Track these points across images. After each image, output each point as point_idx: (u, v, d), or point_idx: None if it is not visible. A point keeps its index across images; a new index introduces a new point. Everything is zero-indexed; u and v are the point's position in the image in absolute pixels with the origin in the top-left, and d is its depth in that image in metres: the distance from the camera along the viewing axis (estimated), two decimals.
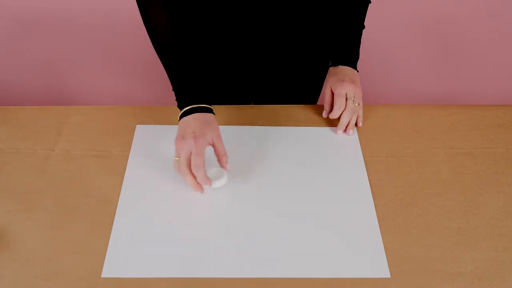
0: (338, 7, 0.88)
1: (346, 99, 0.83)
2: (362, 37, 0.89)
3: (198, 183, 0.71)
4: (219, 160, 0.74)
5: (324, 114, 0.88)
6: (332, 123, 0.89)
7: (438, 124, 0.89)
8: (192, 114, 0.73)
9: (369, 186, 0.78)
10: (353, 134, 0.86)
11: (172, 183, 0.78)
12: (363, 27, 0.88)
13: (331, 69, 0.88)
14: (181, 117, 0.74)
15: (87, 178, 0.78)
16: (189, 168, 0.70)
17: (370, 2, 0.87)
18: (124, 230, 0.71)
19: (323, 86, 0.89)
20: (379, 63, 1.83)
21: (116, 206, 0.74)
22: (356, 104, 0.83)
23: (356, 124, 0.86)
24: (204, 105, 0.74)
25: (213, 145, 0.73)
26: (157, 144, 0.84)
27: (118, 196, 0.75)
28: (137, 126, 0.88)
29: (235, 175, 0.79)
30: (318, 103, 1.10)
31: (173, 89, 0.78)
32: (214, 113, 0.76)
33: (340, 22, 0.87)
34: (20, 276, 0.65)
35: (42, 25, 1.79)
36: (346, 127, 0.86)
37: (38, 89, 1.88)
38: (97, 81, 1.88)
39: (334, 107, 0.83)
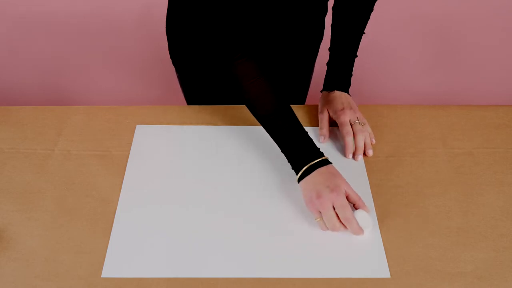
0: (334, 36, 0.90)
1: (351, 125, 0.83)
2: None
3: (356, 228, 0.68)
4: (358, 206, 0.70)
5: (322, 140, 0.85)
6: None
7: (438, 124, 0.89)
8: (315, 171, 0.71)
9: (369, 186, 0.78)
10: (370, 155, 0.83)
11: (172, 183, 0.78)
12: (356, 56, 0.90)
13: (325, 94, 0.89)
14: (301, 177, 0.72)
15: (87, 178, 0.78)
16: (340, 221, 0.68)
17: (364, 33, 0.90)
18: (124, 230, 0.71)
19: (318, 112, 0.89)
20: (379, 63, 1.83)
21: (116, 206, 0.74)
22: (362, 124, 0.83)
23: (365, 153, 0.83)
24: (322, 158, 0.72)
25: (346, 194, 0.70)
26: (157, 144, 0.84)
27: (118, 196, 0.75)
28: (137, 126, 0.88)
29: (236, 175, 0.79)
30: (307, 103, 1.10)
31: (282, 152, 0.75)
32: (331, 162, 0.73)
33: (336, 49, 0.90)
34: (20, 276, 0.65)
35: (43, 25, 1.79)
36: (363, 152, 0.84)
37: (38, 89, 1.88)
38: (97, 81, 1.88)
39: (345, 138, 0.82)
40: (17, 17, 1.77)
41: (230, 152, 0.83)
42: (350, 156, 0.82)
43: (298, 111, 0.91)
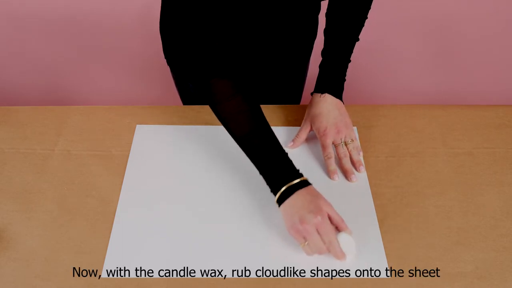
0: (327, 41, 0.87)
1: (335, 146, 0.80)
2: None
3: (338, 253, 0.66)
4: (340, 228, 0.67)
5: (289, 144, 0.83)
6: None
7: (438, 124, 0.89)
8: (295, 193, 0.67)
9: (369, 186, 0.78)
10: (363, 172, 0.80)
11: (172, 183, 0.78)
12: (350, 61, 0.87)
13: (314, 102, 0.84)
14: (281, 199, 0.68)
15: (87, 178, 0.78)
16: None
17: (358, 40, 0.87)
18: (124, 230, 0.71)
19: (304, 119, 0.86)
20: (379, 63, 1.83)
21: (116, 206, 0.74)
22: (351, 141, 0.81)
23: (356, 168, 0.81)
24: (301, 179, 0.69)
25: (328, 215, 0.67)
26: (157, 144, 0.84)
27: (118, 196, 0.75)
28: (137, 126, 0.88)
29: (236, 175, 0.79)
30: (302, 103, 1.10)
31: (260, 173, 0.72)
32: (310, 183, 0.70)
33: (328, 54, 0.86)
34: (20, 276, 0.65)
35: (42, 25, 1.79)
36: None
37: (38, 89, 1.88)
38: (97, 81, 1.88)
39: (326, 161, 0.80)
40: (17, 17, 1.77)
41: (229, 152, 0.83)
42: (336, 178, 0.79)
43: (293, 112, 0.91)
